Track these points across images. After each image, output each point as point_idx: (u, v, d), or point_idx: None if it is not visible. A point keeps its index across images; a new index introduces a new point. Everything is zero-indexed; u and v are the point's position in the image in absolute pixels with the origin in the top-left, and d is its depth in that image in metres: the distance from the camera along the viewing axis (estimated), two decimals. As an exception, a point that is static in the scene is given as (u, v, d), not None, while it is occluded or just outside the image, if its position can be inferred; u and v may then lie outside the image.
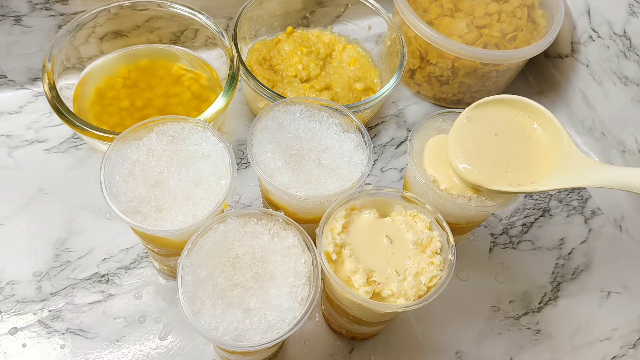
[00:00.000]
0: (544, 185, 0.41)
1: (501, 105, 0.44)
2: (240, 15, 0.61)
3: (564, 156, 0.41)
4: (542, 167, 0.42)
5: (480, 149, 0.43)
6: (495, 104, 0.44)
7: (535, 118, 0.44)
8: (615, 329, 0.56)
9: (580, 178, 0.40)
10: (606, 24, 0.63)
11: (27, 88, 0.63)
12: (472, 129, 0.43)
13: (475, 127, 0.44)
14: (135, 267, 0.53)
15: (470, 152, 0.43)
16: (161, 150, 0.41)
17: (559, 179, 0.41)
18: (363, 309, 0.41)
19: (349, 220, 0.41)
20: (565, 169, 0.41)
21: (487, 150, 0.43)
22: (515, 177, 0.42)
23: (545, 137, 0.43)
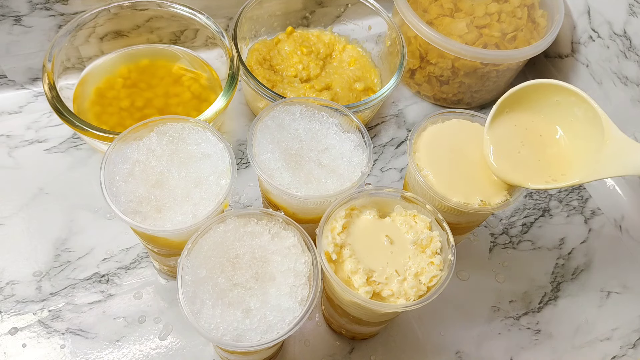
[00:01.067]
0: (575, 176, 0.39)
1: (524, 109, 0.44)
2: (240, 15, 0.61)
3: (601, 142, 0.39)
4: (574, 160, 0.41)
5: (512, 151, 0.43)
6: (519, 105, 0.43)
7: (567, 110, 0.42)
8: (615, 329, 0.56)
9: (620, 167, 0.37)
10: (606, 24, 0.63)
11: (27, 88, 0.63)
12: (505, 132, 0.43)
13: (507, 130, 0.43)
14: (135, 267, 0.53)
15: (506, 154, 0.42)
16: (161, 150, 0.41)
17: (591, 170, 0.39)
18: (363, 309, 0.41)
19: (349, 220, 0.41)
20: (604, 158, 0.38)
21: (519, 152, 0.43)
22: (548, 173, 0.41)
23: (575, 129, 0.42)
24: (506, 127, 0.43)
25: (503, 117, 0.44)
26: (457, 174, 0.45)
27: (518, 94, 0.43)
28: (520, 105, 0.44)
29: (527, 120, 0.44)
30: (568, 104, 0.42)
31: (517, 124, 0.44)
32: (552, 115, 0.43)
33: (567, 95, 0.41)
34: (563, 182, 0.41)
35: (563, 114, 0.42)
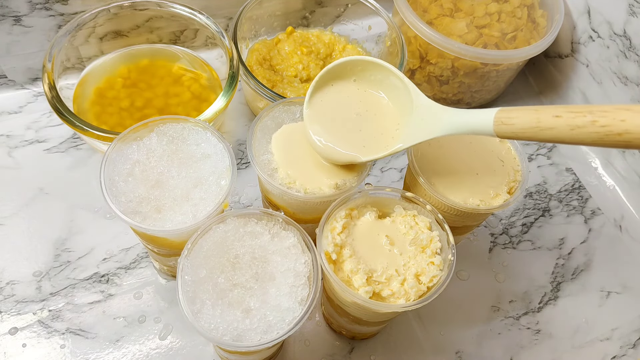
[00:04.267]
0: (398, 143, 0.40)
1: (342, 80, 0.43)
2: (240, 15, 0.61)
3: (413, 109, 0.40)
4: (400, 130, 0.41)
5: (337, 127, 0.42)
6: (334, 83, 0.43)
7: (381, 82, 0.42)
8: (615, 329, 0.56)
9: (431, 130, 0.39)
10: (606, 24, 0.63)
11: (27, 88, 0.63)
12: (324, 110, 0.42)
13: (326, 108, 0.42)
14: (135, 267, 0.53)
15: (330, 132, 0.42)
16: (161, 150, 0.41)
17: (412, 136, 0.40)
18: (363, 309, 0.41)
19: (349, 220, 0.41)
20: (418, 123, 0.40)
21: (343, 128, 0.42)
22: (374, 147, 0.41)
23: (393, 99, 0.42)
24: (330, 101, 0.43)
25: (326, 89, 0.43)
26: (457, 174, 0.45)
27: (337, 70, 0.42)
28: (343, 78, 0.43)
29: (352, 92, 0.43)
30: (387, 80, 0.42)
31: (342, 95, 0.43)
32: (376, 86, 0.43)
33: (380, 70, 0.41)
34: (387, 151, 0.41)
35: (386, 86, 0.42)
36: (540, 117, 0.31)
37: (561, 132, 0.30)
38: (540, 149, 0.69)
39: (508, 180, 0.45)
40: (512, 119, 0.33)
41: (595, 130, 0.29)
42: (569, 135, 0.30)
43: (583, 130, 0.29)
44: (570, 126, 0.30)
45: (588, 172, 0.68)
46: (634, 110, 0.27)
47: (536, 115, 0.32)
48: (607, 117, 0.28)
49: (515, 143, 0.47)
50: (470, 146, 0.47)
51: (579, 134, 0.29)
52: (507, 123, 0.33)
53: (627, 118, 0.27)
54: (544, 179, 0.67)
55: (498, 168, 0.45)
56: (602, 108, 0.29)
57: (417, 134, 0.40)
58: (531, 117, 0.32)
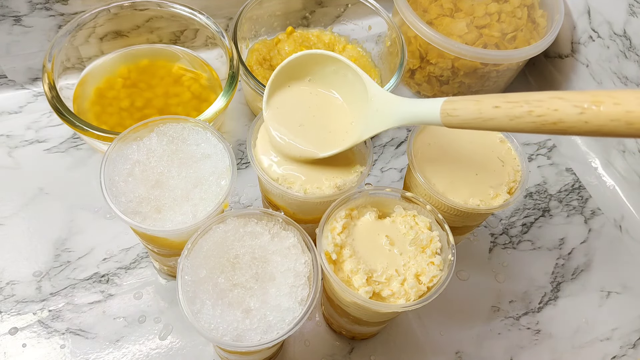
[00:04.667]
0: (354, 135, 0.41)
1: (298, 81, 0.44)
2: (240, 15, 0.61)
3: (368, 101, 0.40)
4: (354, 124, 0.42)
5: (295, 126, 0.43)
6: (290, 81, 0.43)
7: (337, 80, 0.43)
8: (615, 329, 0.56)
9: (385, 121, 0.39)
10: (606, 24, 0.63)
11: (27, 88, 0.63)
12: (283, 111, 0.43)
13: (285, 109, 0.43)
14: (135, 267, 0.53)
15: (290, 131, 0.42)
16: (161, 150, 0.41)
17: (368, 127, 0.40)
18: (363, 309, 0.41)
19: (349, 220, 0.41)
20: (372, 115, 0.40)
21: (302, 127, 0.43)
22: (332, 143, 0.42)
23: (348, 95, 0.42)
24: (288, 101, 0.43)
25: (284, 90, 0.43)
26: (457, 174, 0.45)
27: (291, 67, 0.42)
28: (299, 78, 0.44)
29: (308, 92, 0.44)
30: (341, 71, 0.42)
31: (299, 97, 0.43)
32: (331, 83, 0.43)
33: (334, 62, 0.42)
34: (345, 145, 0.42)
35: (340, 81, 0.43)
36: (481, 108, 0.32)
37: (502, 122, 0.31)
38: (540, 149, 0.69)
39: (508, 180, 0.45)
40: (457, 111, 0.34)
41: (532, 120, 0.29)
42: (510, 125, 0.30)
43: (521, 120, 0.30)
44: (509, 116, 0.30)
45: (588, 172, 0.68)
46: (565, 98, 0.27)
47: (478, 107, 0.32)
48: (542, 107, 0.28)
49: (515, 143, 0.47)
50: (470, 146, 0.47)
51: (518, 123, 0.30)
52: (452, 114, 0.34)
53: (559, 107, 0.27)
54: (544, 179, 0.67)
55: (498, 168, 0.45)
56: (538, 97, 0.29)
57: (373, 125, 0.40)
58: (473, 109, 0.32)
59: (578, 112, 0.27)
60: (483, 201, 0.44)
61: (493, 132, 0.48)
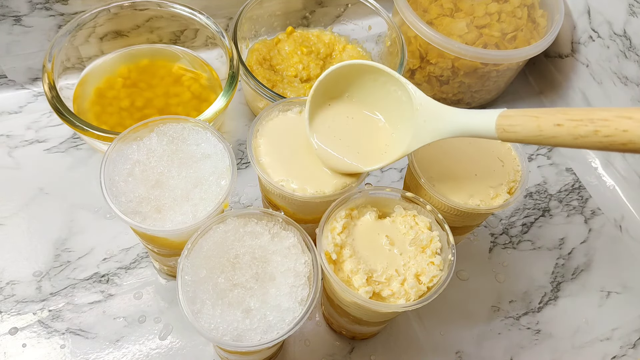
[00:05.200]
0: (400, 149, 0.40)
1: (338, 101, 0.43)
2: (240, 15, 0.61)
3: (414, 111, 0.39)
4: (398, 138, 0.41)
5: (339, 143, 0.43)
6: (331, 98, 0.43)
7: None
8: (615, 329, 0.56)
9: (434, 131, 0.38)
10: (606, 23, 0.63)
11: (27, 88, 0.63)
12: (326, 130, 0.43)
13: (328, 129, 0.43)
14: (135, 267, 0.53)
15: (334, 146, 0.42)
16: (161, 150, 0.41)
17: (416, 137, 0.39)
18: (363, 309, 0.41)
19: (349, 220, 0.41)
20: (420, 125, 0.39)
21: (345, 144, 0.43)
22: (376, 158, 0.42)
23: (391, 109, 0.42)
24: (329, 120, 0.43)
25: (325, 110, 0.43)
26: (457, 174, 0.45)
27: (329, 80, 0.42)
28: (338, 93, 0.43)
29: (348, 111, 0.43)
30: (380, 80, 0.41)
31: (340, 116, 0.43)
32: (371, 97, 0.43)
33: (377, 74, 0.41)
34: (389, 159, 0.41)
35: (380, 93, 0.42)
36: (541, 126, 0.31)
37: (565, 140, 0.30)
38: (540, 149, 0.69)
39: (508, 180, 0.45)
40: (514, 127, 0.32)
41: (599, 140, 0.28)
42: (574, 144, 0.30)
43: (587, 140, 0.29)
44: (573, 135, 0.29)
45: (588, 172, 0.68)
46: (635, 118, 0.27)
47: (537, 123, 0.31)
48: (610, 127, 0.27)
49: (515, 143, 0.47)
50: (470, 146, 0.47)
51: (584, 142, 0.29)
52: (509, 131, 0.33)
53: (629, 128, 0.27)
54: (544, 179, 0.67)
55: (498, 168, 0.45)
56: (603, 116, 0.28)
57: (422, 136, 0.39)
58: (532, 125, 0.31)
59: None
60: (483, 201, 0.44)
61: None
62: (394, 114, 0.42)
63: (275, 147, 0.43)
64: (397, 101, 0.41)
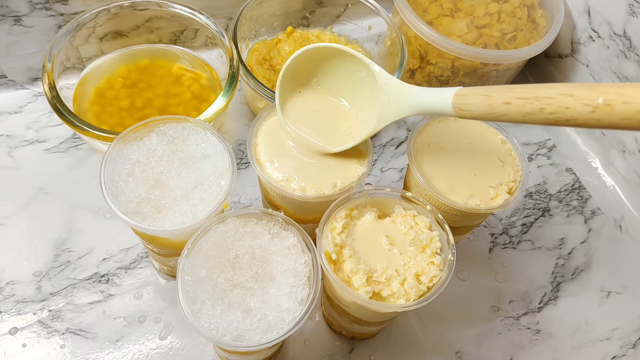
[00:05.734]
0: (367, 129, 0.41)
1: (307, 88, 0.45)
2: (240, 15, 0.61)
3: (379, 91, 0.40)
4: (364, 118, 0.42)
5: (309, 128, 0.44)
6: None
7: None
8: (615, 329, 0.56)
9: (398, 110, 0.39)
10: (606, 24, 0.63)
11: (27, 88, 0.63)
12: (296, 116, 0.44)
13: (298, 115, 0.44)
14: (135, 267, 0.53)
15: (304, 129, 0.44)
16: (161, 150, 0.41)
17: (382, 116, 0.40)
18: (363, 309, 0.41)
19: (349, 220, 0.41)
20: (385, 104, 0.40)
21: (314, 128, 0.44)
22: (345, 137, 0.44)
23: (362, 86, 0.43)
24: (299, 106, 0.45)
25: (295, 97, 0.45)
26: (457, 174, 0.45)
27: (296, 66, 0.43)
28: (306, 79, 0.45)
29: (316, 98, 0.45)
30: (347, 62, 0.42)
31: (308, 102, 0.45)
32: (338, 82, 0.44)
33: (343, 57, 0.42)
34: (359, 138, 0.42)
35: (348, 76, 0.43)
36: (492, 104, 0.32)
37: (515, 117, 0.31)
38: (540, 149, 0.69)
39: (508, 180, 0.45)
40: (469, 105, 0.34)
41: (545, 117, 0.29)
42: (523, 120, 0.31)
43: (534, 117, 0.30)
44: (521, 113, 0.30)
45: (588, 172, 0.68)
46: (575, 95, 0.27)
47: (489, 102, 0.32)
48: (553, 105, 0.28)
49: (515, 143, 0.47)
50: (470, 146, 0.47)
51: (532, 119, 0.30)
52: (464, 109, 0.34)
53: (570, 105, 0.28)
54: (544, 179, 0.67)
55: (498, 168, 0.45)
56: (548, 93, 0.29)
57: (387, 115, 0.40)
58: (485, 104, 0.32)
59: (589, 111, 0.27)
60: (483, 201, 0.44)
61: (493, 133, 0.48)
62: (359, 97, 0.43)
63: (275, 147, 0.44)
64: (362, 83, 0.42)
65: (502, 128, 0.48)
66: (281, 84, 0.43)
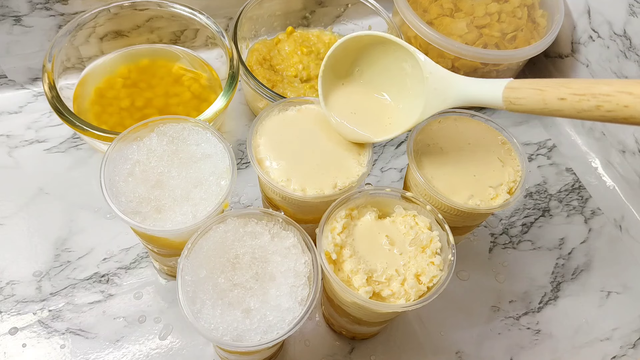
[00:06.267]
0: (411, 120, 0.41)
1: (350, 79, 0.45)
2: (240, 15, 0.61)
3: (424, 80, 0.40)
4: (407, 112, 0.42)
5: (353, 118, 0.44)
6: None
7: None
8: (615, 329, 0.56)
9: (445, 99, 0.39)
10: (606, 24, 0.63)
11: (27, 88, 0.63)
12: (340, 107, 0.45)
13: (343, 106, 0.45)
14: (135, 267, 0.53)
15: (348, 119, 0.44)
16: (161, 150, 0.41)
17: (429, 106, 0.40)
18: (363, 309, 0.41)
19: (349, 220, 0.41)
20: (431, 93, 0.40)
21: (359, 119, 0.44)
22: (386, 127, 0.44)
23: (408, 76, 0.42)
24: (342, 98, 0.45)
25: (339, 88, 0.45)
26: (457, 174, 0.45)
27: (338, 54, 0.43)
28: (348, 70, 0.45)
29: (358, 92, 0.45)
30: (391, 50, 0.42)
31: (352, 95, 0.45)
32: (380, 86, 0.44)
33: (387, 45, 0.42)
34: (398, 130, 0.43)
35: (392, 66, 0.43)
36: (546, 99, 0.31)
37: (570, 113, 0.31)
38: (540, 149, 0.69)
39: (508, 180, 0.45)
40: (520, 100, 0.33)
41: (602, 114, 0.29)
42: (578, 116, 0.30)
43: (590, 114, 0.29)
44: (576, 109, 0.30)
45: (588, 172, 0.68)
46: (635, 94, 0.27)
47: (542, 97, 0.32)
48: (611, 103, 0.28)
49: (515, 143, 0.47)
50: (469, 147, 0.47)
51: (587, 115, 0.30)
52: (515, 103, 0.34)
53: (630, 104, 0.27)
54: (544, 179, 0.67)
55: (498, 168, 0.45)
56: (605, 91, 0.28)
57: (433, 104, 0.40)
58: (537, 99, 0.32)
59: None
60: (483, 201, 0.44)
61: (493, 133, 0.48)
62: (402, 87, 0.43)
63: (275, 147, 0.44)
64: (406, 72, 0.42)
65: (502, 128, 0.48)
66: (323, 75, 0.43)
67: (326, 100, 0.44)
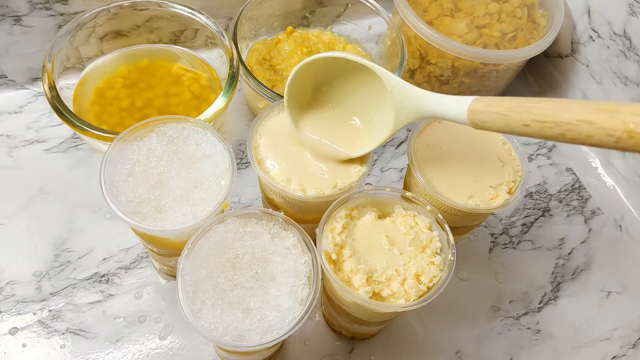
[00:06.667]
0: (384, 133, 0.41)
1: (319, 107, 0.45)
2: (240, 15, 0.61)
3: (389, 95, 0.40)
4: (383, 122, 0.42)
5: (330, 127, 0.44)
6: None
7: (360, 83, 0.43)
8: (615, 329, 0.56)
9: (412, 112, 0.39)
10: (606, 24, 0.63)
11: (27, 88, 0.63)
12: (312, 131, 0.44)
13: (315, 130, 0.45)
14: (135, 267, 0.53)
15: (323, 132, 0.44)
16: (161, 150, 0.41)
17: (396, 120, 0.40)
18: (363, 309, 0.41)
19: (349, 220, 0.41)
20: (398, 108, 0.40)
21: (335, 128, 0.44)
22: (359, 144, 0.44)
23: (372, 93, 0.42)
24: (312, 120, 0.45)
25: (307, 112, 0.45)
26: (457, 174, 0.45)
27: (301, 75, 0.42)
28: (316, 88, 0.45)
29: (327, 112, 0.45)
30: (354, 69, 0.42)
31: (320, 117, 0.45)
32: (347, 90, 0.44)
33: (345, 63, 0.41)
34: (374, 143, 0.42)
35: (357, 81, 0.43)
36: (510, 124, 0.31)
37: (535, 136, 0.30)
38: (540, 149, 0.69)
39: (508, 180, 0.45)
40: (485, 123, 0.33)
41: (567, 140, 0.28)
42: (545, 138, 0.30)
43: (556, 139, 0.29)
44: (541, 135, 0.30)
45: (588, 172, 0.68)
46: (596, 124, 0.26)
47: (506, 122, 0.31)
48: (574, 132, 0.28)
49: (515, 143, 0.47)
50: (469, 146, 0.47)
51: (554, 139, 0.29)
52: (481, 126, 0.34)
53: (592, 134, 0.27)
54: (544, 179, 0.67)
55: (498, 168, 0.45)
56: (566, 118, 0.28)
57: (403, 117, 0.40)
58: (502, 123, 0.32)
59: (613, 141, 0.26)
60: (483, 201, 0.44)
61: (493, 133, 0.48)
62: (370, 100, 0.43)
63: (275, 147, 0.44)
64: (372, 87, 0.42)
65: (502, 128, 0.48)
66: (289, 100, 0.43)
67: (297, 125, 0.44)
